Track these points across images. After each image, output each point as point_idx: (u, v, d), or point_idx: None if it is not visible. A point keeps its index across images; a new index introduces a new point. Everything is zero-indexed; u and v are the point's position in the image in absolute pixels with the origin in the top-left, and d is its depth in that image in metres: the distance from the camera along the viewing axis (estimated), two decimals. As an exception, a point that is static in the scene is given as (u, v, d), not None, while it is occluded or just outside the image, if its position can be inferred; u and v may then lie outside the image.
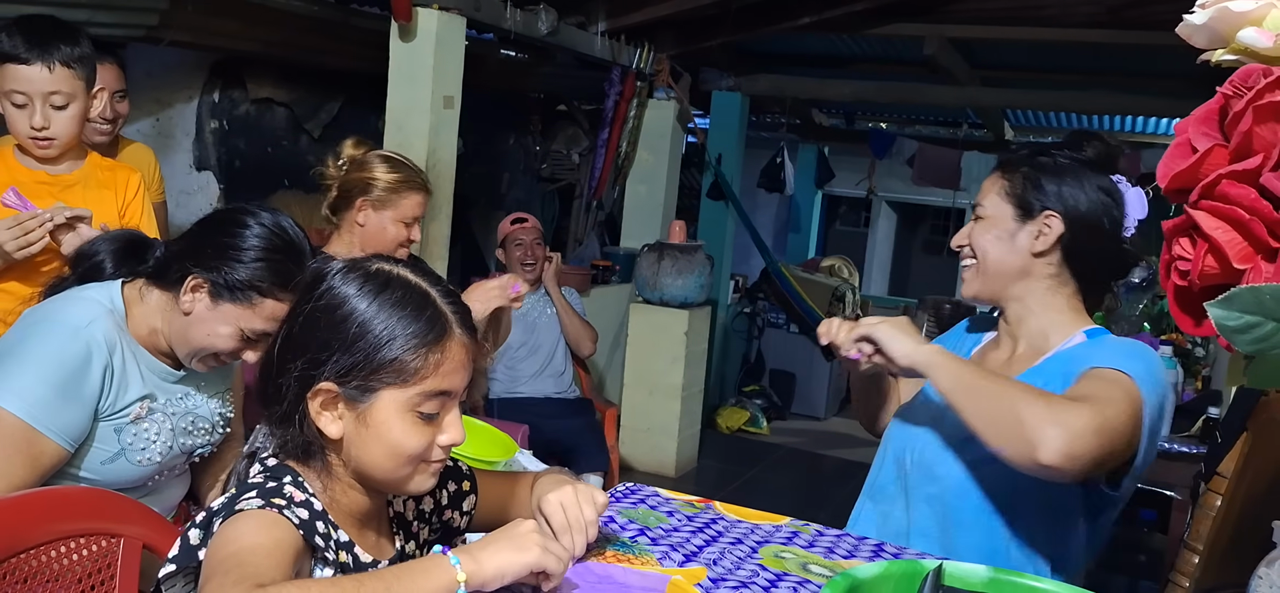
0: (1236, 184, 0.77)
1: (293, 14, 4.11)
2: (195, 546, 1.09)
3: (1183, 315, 0.84)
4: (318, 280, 1.19)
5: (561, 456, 4.00)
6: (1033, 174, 1.65)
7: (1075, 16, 5.22)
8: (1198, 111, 0.84)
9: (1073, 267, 1.65)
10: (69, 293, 1.69)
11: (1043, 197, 1.64)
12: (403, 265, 1.21)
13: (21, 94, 2.10)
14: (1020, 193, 1.66)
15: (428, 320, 1.15)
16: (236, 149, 4.66)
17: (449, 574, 1.05)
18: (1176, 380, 3.37)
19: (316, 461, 1.19)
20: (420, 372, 1.14)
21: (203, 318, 1.63)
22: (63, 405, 1.56)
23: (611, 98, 5.60)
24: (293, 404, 1.16)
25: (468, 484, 1.43)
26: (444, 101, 3.96)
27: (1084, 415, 1.42)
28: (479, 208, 6.32)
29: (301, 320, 1.18)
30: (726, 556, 1.35)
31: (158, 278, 1.69)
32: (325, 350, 1.14)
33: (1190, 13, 0.88)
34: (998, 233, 1.67)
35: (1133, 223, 1.63)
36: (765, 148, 8.13)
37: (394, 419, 1.15)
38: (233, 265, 1.62)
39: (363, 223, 2.52)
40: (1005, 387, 1.49)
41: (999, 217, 1.67)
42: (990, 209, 1.68)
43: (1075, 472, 1.42)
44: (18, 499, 1.42)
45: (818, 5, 5.29)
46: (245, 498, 1.09)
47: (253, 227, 1.65)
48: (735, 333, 7.27)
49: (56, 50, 2.11)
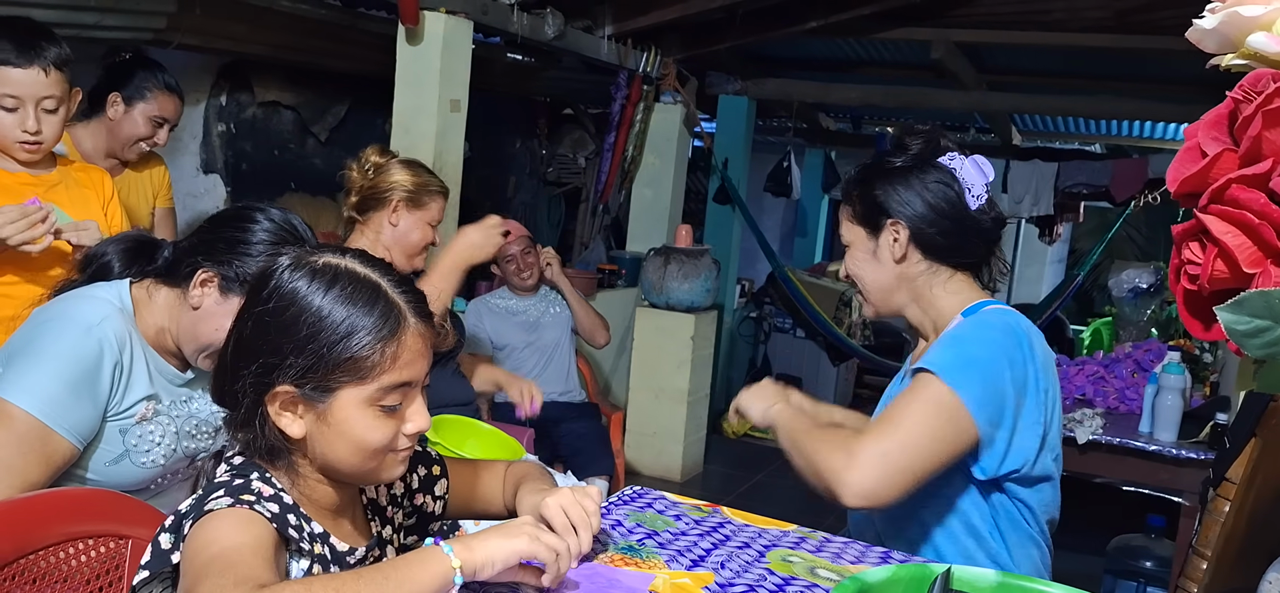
0: (1246, 189, 0.77)
1: (300, 17, 4.12)
2: (167, 550, 1.09)
3: (1192, 320, 0.83)
4: (264, 280, 1.16)
5: (567, 459, 4.00)
6: (866, 192, 1.71)
7: (1083, 21, 5.22)
8: (1207, 116, 0.83)
9: (937, 256, 1.69)
10: (79, 291, 1.70)
11: (882, 209, 1.69)
12: (351, 256, 1.18)
13: (14, 98, 2.11)
14: (863, 212, 1.73)
15: (381, 314, 1.13)
16: (243, 152, 4.67)
17: (444, 563, 1.05)
18: (1185, 386, 3.35)
19: (282, 460, 1.17)
20: (378, 367, 1.13)
21: (211, 312, 1.64)
22: (75, 403, 1.56)
23: (618, 101, 5.60)
24: (251, 409, 1.15)
25: (438, 469, 1.43)
26: (451, 105, 3.97)
27: (871, 447, 1.50)
28: (484, 211, 6.31)
29: (251, 324, 1.15)
30: (734, 559, 1.35)
31: (166, 275, 1.70)
32: (278, 354, 1.12)
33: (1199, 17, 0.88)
34: (861, 256, 1.74)
35: (980, 188, 1.66)
36: (772, 152, 8.12)
37: (355, 416, 1.14)
38: (242, 259, 1.63)
39: (396, 223, 2.62)
40: (813, 440, 1.58)
41: (857, 240, 1.75)
42: (848, 236, 1.76)
43: (890, 499, 1.49)
44: (31, 500, 1.43)
45: (824, 9, 5.29)
46: (213, 498, 1.08)
47: (262, 221, 1.66)
48: (741, 337, 7.27)
49: (49, 53, 2.11)
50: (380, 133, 4.25)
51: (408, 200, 2.62)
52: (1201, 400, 3.88)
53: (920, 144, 1.70)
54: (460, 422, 2.65)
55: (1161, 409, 3.32)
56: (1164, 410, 3.31)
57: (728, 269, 6.44)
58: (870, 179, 1.71)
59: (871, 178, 1.71)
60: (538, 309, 4.26)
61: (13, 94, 2.10)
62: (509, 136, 6.52)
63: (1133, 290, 5.28)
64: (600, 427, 4.31)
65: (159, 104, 2.88)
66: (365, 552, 1.24)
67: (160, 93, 2.89)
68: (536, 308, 4.26)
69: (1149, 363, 3.96)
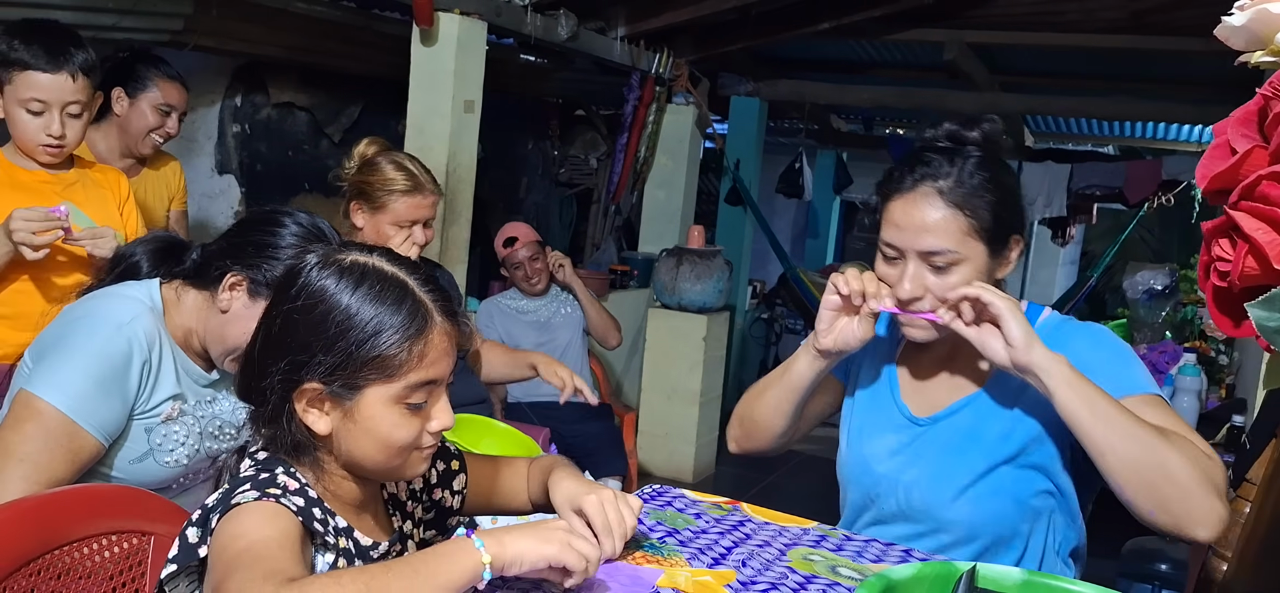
0: (1277, 185, 0.77)
1: (315, 19, 4.14)
2: (194, 544, 1.09)
3: (1222, 317, 0.83)
4: (293, 278, 1.17)
5: (580, 460, 4.00)
6: (995, 201, 1.47)
7: (1096, 22, 5.20)
8: (1237, 113, 0.83)
9: None
10: (109, 290, 1.71)
11: (1011, 224, 1.50)
12: (378, 254, 1.19)
13: (40, 102, 2.12)
14: (992, 227, 1.47)
15: (408, 312, 1.14)
16: (258, 153, 4.69)
17: (474, 556, 1.05)
18: (1201, 388, 3.34)
19: (307, 455, 1.18)
20: (405, 365, 1.14)
21: (240, 315, 1.65)
22: (103, 400, 1.57)
23: (630, 103, 5.61)
24: (278, 405, 1.16)
25: (456, 464, 1.43)
26: (464, 106, 3.98)
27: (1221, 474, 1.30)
28: (498, 212, 6.34)
29: (280, 321, 1.16)
30: (755, 558, 1.35)
31: (196, 278, 1.71)
32: (306, 352, 1.13)
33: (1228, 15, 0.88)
34: (969, 275, 1.47)
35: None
36: (784, 153, 8.13)
37: (382, 413, 1.15)
38: (271, 262, 1.63)
39: (360, 226, 2.52)
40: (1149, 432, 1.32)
41: (973, 257, 1.47)
42: (960, 250, 1.46)
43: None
44: (55, 496, 1.44)
45: (837, 11, 5.29)
46: (240, 492, 1.09)
47: (289, 225, 1.67)
48: (753, 338, 7.27)
49: (76, 58, 2.13)
50: (394, 134, 4.26)
51: (376, 206, 2.51)
52: (1217, 403, 3.87)
53: (987, 125, 1.52)
54: (476, 421, 2.65)
55: (1177, 411, 3.30)
56: (1180, 412, 3.29)
57: (739, 270, 6.44)
58: (996, 184, 1.47)
59: (997, 183, 1.47)
60: (549, 310, 4.26)
61: (40, 98, 2.12)
62: (522, 137, 6.54)
63: (1147, 292, 5.25)
64: (613, 428, 4.31)
65: (162, 91, 2.90)
66: (388, 546, 1.25)
67: (161, 80, 2.91)
68: (548, 309, 4.26)
69: (1164, 365, 3.95)
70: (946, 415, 1.59)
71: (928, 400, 1.63)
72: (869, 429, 1.66)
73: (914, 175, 1.49)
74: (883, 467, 1.62)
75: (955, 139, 1.52)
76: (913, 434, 1.61)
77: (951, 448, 1.56)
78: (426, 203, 2.54)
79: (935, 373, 1.64)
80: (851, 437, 1.69)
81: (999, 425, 1.54)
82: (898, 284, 1.49)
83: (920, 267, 1.48)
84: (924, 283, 1.48)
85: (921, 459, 1.58)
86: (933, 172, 1.48)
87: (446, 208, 3.93)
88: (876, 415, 1.67)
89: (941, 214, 1.46)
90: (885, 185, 1.54)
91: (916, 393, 1.65)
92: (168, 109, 2.93)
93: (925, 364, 1.65)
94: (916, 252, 1.48)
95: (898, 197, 1.50)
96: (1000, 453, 1.52)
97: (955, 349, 1.60)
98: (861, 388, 1.71)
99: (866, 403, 1.69)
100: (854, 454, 1.67)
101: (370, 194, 2.51)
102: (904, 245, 1.49)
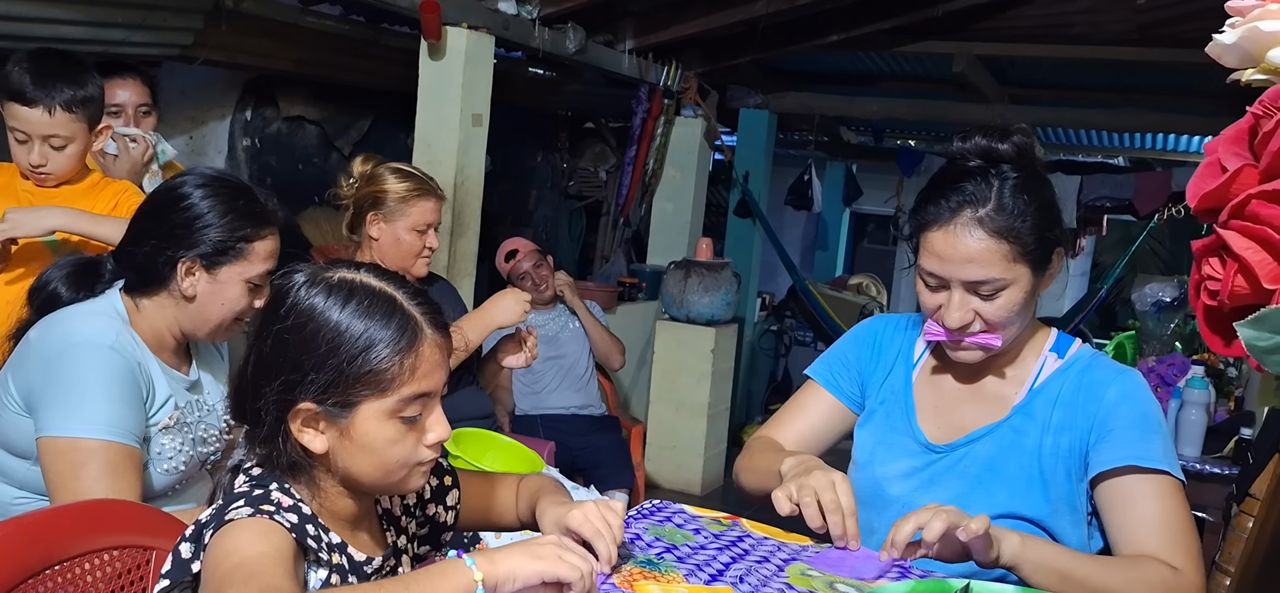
0: (1267, 204, 0.77)
1: (324, 33, 4.16)
2: (187, 559, 1.10)
3: (1212, 336, 0.83)
4: (281, 298, 1.17)
5: (587, 472, 4.00)
6: (1036, 223, 1.45)
7: (1105, 34, 5.19)
8: (1227, 131, 0.83)
9: None
10: (72, 312, 1.68)
11: (1053, 240, 1.48)
12: (365, 270, 1.20)
13: (22, 132, 2.16)
14: (1033, 248, 1.46)
15: (397, 326, 1.15)
16: (268, 166, 4.72)
17: (465, 576, 1.05)
18: (1208, 401, 3.33)
19: (303, 474, 1.19)
20: (397, 378, 1.14)
21: (210, 292, 1.67)
22: (129, 412, 1.61)
23: (639, 115, 5.62)
24: (273, 426, 1.16)
25: (449, 479, 1.44)
26: (473, 119, 3.99)
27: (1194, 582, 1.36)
28: (506, 225, 6.36)
29: (271, 342, 1.16)
30: (753, 574, 1.35)
31: (144, 285, 1.71)
32: (298, 371, 1.13)
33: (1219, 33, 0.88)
34: (1020, 297, 1.47)
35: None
36: (793, 165, 8.12)
37: (376, 429, 1.15)
38: (206, 229, 1.65)
39: (376, 236, 2.59)
40: (1119, 584, 1.37)
41: (1019, 279, 1.46)
42: (1006, 277, 1.45)
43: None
44: (59, 511, 1.44)
45: (846, 23, 5.29)
46: (234, 508, 1.10)
47: (195, 192, 1.68)
48: (762, 351, 7.25)
49: (59, 93, 2.13)
50: (403, 147, 4.28)
51: (388, 212, 2.60)
52: (1225, 416, 3.85)
53: (1019, 138, 1.49)
54: (480, 435, 2.66)
55: (1185, 424, 3.29)
56: (1187, 425, 3.28)
57: (748, 283, 6.43)
58: (1036, 202, 1.45)
59: (1037, 199, 1.45)
60: (557, 324, 4.27)
61: (21, 128, 2.16)
62: (530, 150, 6.55)
63: (1156, 304, 5.24)
64: (620, 440, 4.31)
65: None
66: (382, 562, 1.25)
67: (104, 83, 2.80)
68: (555, 323, 4.27)
69: (1172, 377, 3.93)
70: (965, 444, 1.57)
71: (945, 427, 1.61)
72: (882, 452, 1.65)
73: (951, 204, 1.46)
74: (895, 489, 1.61)
75: (987, 156, 1.49)
76: (927, 460, 1.60)
77: (971, 479, 1.55)
78: (436, 206, 2.66)
79: (953, 399, 1.62)
80: (863, 459, 1.68)
81: (1020, 463, 1.52)
82: (946, 313, 1.48)
83: (967, 295, 1.47)
84: (972, 307, 1.47)
85: (937, 486, 1.57)
86: (970, 199, 1.45)
87: (454, 221, 3.94)
88: (891, 439, 1.65)
89: (984, 245, 1.43)
90: (921, 214, 1.51)
91: (933, 419, 1.63)
92: (116, 109, 2.66)
93: (943, 390, 1.64)
94: (961, 282, 1.46)
95: (937, 227, 1.47)
96: (1023, 508, 1.50)
97: (974, 376, 1.59)
98: (876, 412, 1.70)
99: (881, 426, 1.68)
100: (866, 476, 1.65)
101: (384, 202, 2.58)
102: (948, 275, 1.47)
